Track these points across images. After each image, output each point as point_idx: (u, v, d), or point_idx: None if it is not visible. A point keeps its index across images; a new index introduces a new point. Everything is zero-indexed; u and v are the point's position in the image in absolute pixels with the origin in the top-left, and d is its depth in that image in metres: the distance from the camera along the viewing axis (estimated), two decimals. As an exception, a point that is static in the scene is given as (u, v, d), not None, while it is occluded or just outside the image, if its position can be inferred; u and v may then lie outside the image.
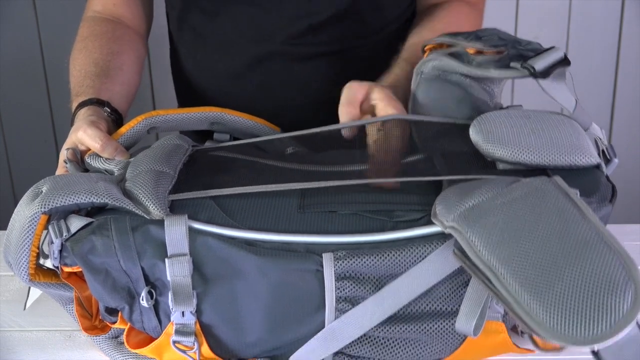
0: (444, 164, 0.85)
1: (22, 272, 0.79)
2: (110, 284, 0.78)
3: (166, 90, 1.92)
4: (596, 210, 0.76)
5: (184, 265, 0.75)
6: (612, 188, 0.79)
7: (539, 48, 0.89)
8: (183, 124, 1.01)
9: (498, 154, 0.80)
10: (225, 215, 0.78)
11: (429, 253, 0.74)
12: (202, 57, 1.20)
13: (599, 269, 0.63)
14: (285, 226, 0.77)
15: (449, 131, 0.91)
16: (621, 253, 0.64)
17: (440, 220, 0.73)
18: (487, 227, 0.69)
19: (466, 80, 0.94)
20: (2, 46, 2.03)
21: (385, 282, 0.75)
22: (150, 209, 0.77)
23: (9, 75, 2.06)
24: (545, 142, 0.80)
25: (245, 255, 0.75)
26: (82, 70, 1.08)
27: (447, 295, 0.76)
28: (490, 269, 0.66)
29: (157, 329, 0.81)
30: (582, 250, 0.65)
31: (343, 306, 0.76)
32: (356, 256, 0.74)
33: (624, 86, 2.12)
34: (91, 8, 1.21)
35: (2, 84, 2.07)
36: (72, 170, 0.90)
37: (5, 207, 2.03)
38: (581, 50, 2.08)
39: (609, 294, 0.61)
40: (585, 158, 0.80)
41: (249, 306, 0.77)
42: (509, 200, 0.71)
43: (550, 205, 0.70)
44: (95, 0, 1.21)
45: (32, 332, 0.93)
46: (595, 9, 2.04)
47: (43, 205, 0.76)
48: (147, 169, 0.83)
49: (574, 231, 0.67)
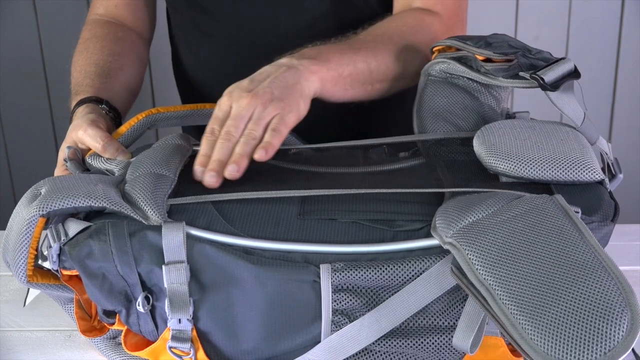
0: (447, 173, 0.84)
1: (20, 274, 0.79)
2: (107, 288, 0.78)
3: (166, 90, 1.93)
4: (597, 229, 0.75)
5: (181, 272, 0.75)
6: (615, 206, 0.78)
7: (550, 58, 0.88)
8: (183, 121, 1.01)
9: (500, 168, 0.80)
10: (224, 221, 0.77)
11: (427, 268, 0.73)
12: (206, 55, 1.20)
13: (596, 294, 0.62)
14: (284, 233, 0.77)
15: (453, 139, 0.90)
16: (619, 278, 0.63)
17: (439, 234, 0.73)
18: (485, 245, 0.68)
19: (474, 84, 0.94)
20: (2, 46, 2.03)
21: (382, 295, 0.75)
22: (149, 214, 0.76)
23: (9, 75, 2.06)
24: (548, 157, 0.79)
25: (242, 264, 0.75)
26: (82, 71, 1.08)
27: (445, 310, 0.75)
28: (487, 289, 0.66)
29: (154, 333, 0.81)
30: (579, 273, 0.64)
31: (339, 319, 0.75)
32: (354, 269, 0.74)
33: (624, 86, 2.12)
34: (94, 11, 1.21)
35: (2, 84, 2.07)
36: (73, 169, 0.90)
37: (5, 207, 2.03)
38: (581, 50, 2.07)
39: (605, 320, 0.61)
40: (589, 174, 0.78)
41: (245, 314, 0.77)
42: (509, 217, 0.71)
43: (550, 225, 0.69)
44: (98, 4, 1.21)
45: (32, 332, 0.93)
46: (595, 9, 2.04)
47: (41, 208, 0.76)
48: (146, 172, 0.82)
49: (572, 253, 0.66)
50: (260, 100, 0.85)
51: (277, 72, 0.88)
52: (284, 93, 0.86)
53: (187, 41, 1.22)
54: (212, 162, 0.83)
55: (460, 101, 0.93)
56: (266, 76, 0.88)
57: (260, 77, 0.88)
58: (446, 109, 0.93)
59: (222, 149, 0.83)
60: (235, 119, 0.84)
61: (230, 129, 0.84)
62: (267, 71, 0.89)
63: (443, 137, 0.91)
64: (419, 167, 0.88)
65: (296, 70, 0.89)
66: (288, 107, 0.85)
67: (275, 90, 0.86)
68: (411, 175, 0.86)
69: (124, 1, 1.19)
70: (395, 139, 0.93)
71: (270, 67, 0.90)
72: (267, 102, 0.85)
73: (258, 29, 1.14)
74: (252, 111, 0.85)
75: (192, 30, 1.19)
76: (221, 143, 0.84)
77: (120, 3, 1.19)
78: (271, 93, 0.85)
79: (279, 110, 0.85)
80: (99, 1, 1.21)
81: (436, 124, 0.93)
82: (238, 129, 0.84)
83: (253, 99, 0.85)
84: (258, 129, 0.84)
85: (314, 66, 0.91)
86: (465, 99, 0.94)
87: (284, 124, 0.85)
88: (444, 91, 0.94)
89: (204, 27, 1.17)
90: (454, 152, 0.88)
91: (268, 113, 0.84)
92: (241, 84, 0.88)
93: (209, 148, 0.84)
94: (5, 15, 2.00)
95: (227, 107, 0.86)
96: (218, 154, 0.83)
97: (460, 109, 0.93)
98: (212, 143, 0.85)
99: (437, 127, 0.92)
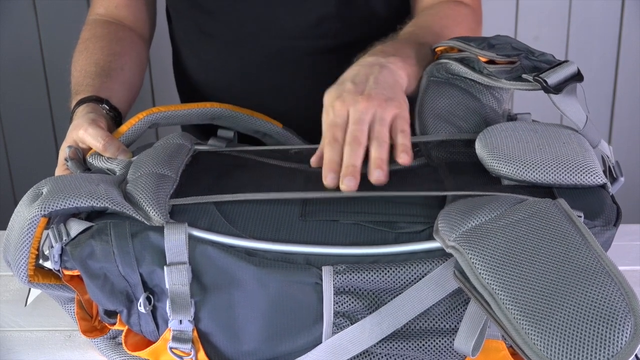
0: (450, 176, 0.84)
1: (21, 273, 0.79)
2: (109, 288, 0.78)
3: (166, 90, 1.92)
4: (600, 233, 0.75)
5: (182, 273, 0.75)
6: (617, 210, 0.78)
7: (553, 60, 0.88)
8: (184, 120, 1.01)
9: (503, 171, 0.80)
10: (226, 222, 0.77)
11: (429, 271, 0.73)
12: (209, 56, 1.19)
13: (599, 299, 0.62)
14: (286, 235, 0.76)
15: (455, 141, 0.90)
16: (622, 283, 0.63)
17: (442, 237, 0.72)
18: (488, 249, 0.68)
19: (475, 85, 0.93)
20: (2, 46, 2.03)
21: (384, 298, 0.75)
22: (151, 215, 0.76)
23: (9, 75, 2.06)
24: (551, 160, 0.79)
25: (244, 266, 0.75)
26: (82, 71, 1.08)
27: (447, 312, 0.75)
28: (489, 293, 0.66)
29: (155, 333, 0.81)
30: (583, 278, 0.64)
31: (341, 321, 0.75)
32: (356, 271, 0.74)
33: (624, 86, 2.12)
34: (94, 11, 1.21)
35: (2, 84, 2.07)
36: (74, 168, 0.90)
37: (6, 207, 2.03)
38: (581, 50, 2.07)
39: (608, 326, 0.61)
40: (592, 178, 0.78)
41: (246, 315, 0.77)
42: (512, 222, 0.71)
43: (553, 229, 0.69)
44: (98, 4, 1.21)
45: (32, 332, 0.93)
46: (595, 9, 2.04)
47: (43, 208, 0.76)
48: (148, 172, 0.82)
49: (575, 258, 0.66)
50: (376, 102, 0.84)
51: (374, 72, 0.88)
52: (392, 92, 0.86)
53: (188, 42, 1.22)
54: (347, 167, 0.81)
55: (462, 102, 0.93)
56: (365, 77, 0.88)
57: (360, 79, 0.87)
58: (448, 110, 0.93)
59: (354, 153, 0.82)
60: (359, 123, 0.83)
61: (356, 134, 0.83)
62: (363, 72, 0.89)
63: (445, 138, 0.90)
64: (420, 168, 0.87)
65: (389, 69, 0.89)
66: (401, 105, 0.86)
67: (384, 90, 0.86)
68: (413, 177, 0.86)
69: (124, 1, 1.19)
70: None
71: (361, 67, 0.90)
72: (383, 102, 0.84)
73: (260, 29, 1.14)
74: (371, 114, 0.84)
75: (194, 31, 1.19)
76: (351, 148, 0.82)
77: (120, 3, 1.19)
78: (383, 94, 0.85)
79: (396, 109, 0.85)
80: (99, 1, 1.21)
81: (438, 125, 0.92)
82: (363, 132, 0.83)
83: (369, 101, 0.84)
84: (385, 130, 0.83)
85: (401, 62, 0.91)
86: (467, 100, 0.93)
87: (406, 123, 0.85)
88: (445, 92, 0.94)
89: (206, 27, 1.17)
90: (455, 154, 0.88)
91: (388, 114, 0.84)
92: (345, 87, 0.87)
93: (336, 154, 0.83)
94: (5, 15, 2.00)
95: (343, 112, 0.85)
96: (351, 159, 0.81)
97: (462, 110, 0.93)
98: (338, 149, 0.83)
99: (438, 128, 0.92)
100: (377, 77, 0.87)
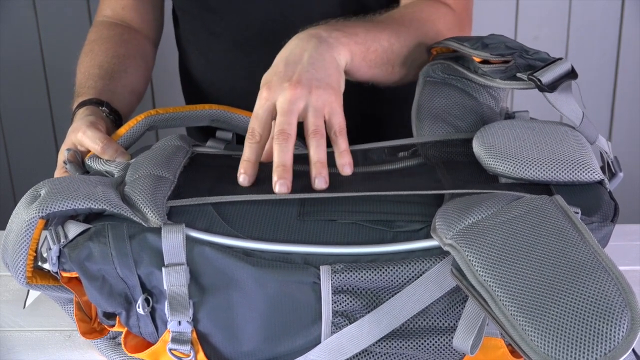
0: (447, 174, 0.84)
1: (19, 275, 0.79)
2: (107, 290, 0.78)
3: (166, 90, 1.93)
4: (597, 229, 0.75)
5: (180, 274, 0.75)
6: (615, 206, 0.78)
7: (547, 58, 0.88)
8: (183, 122, 1.01)
9: (500, 169, 0.80)
10: (224, 223, 0.77)
11: (427, 269, 0.73)
12: (216, 56, 1.19)
13: (596, 295, 0.62)
14: (284, 235, 0.76)
15: (452, 141, 0.90)
16: (619, 279, 0.63)
17: (439, 236, 0.73)
18: (485, 246, 0.68)
19: (472, 84, 0.93)
20: (2, 46, 2.03)
21: (383, 296, 0.75)
22: (148, 216, 0.76)
23: (9, 75, 2.06)
24: (548, 157, 0.79)
25: (242, 266, 0.75)
26: (85, 73, 1.08)
27: (445, 311, 0.75)
28: (487, 290, 0.66)
29: (154, 335, 0.81)
30: (579, 274, 0.64)
31: (339, 320, 0.75)
32: (354, 270, 0.74)
33: (624, 86, 2.12)
34: (101, 13, 1.21)
35: (2, 84, 2.07)
36: (72, 171, 0.90)
37: (5, 207, 2.03)
38: (581, 50, 2.07)
39: (605, 321, 0.61)
40: (589, 174, 0.79)
41: (245, 316, 0.77)
42: (509, 219, 0.71)
43: (549, 226, 0.69)
44: (105, 5, 1.21)
45: (32, 332, 0.93)
46: (595, 9, 2.04)
47: (41, 210, 0.76)
48: (146, 174, 0.82)
49: (572, 254, 0.66)
50: (305, 89, 0.80)
51: (309, 48, 0.85)
52: (326, 73, 0.83)
53: (196, 42, 1.22)
54: (277, 167, 0.78)
55: (459, 102, 0.93)
56: (299, 55, 0.84)
57: (294, 58, 0.84)
58: (444, 110, 0.93)
59: (283, 151, 0.78)
60: (286, 115, 0.79)
61: (284, 127, 0.79)
62: (299, 46, 0.85)
63: (442, 139, 0.91)
64: (418, 167, 0.88)
65: (328, 44, 0.86)
66: (335, 90, 0.82)
67: (316, 72, 0.82)
68: (411, 176, 0.86)
69: (131, 3, 1.19)
70: (393, 142, 0.93)
71: (299, 40, 0.87)
72: (314, 89, 0.80)
73: (267, 29, 1.13)
74: (302, 102, 0.80)
75: (201, 31, 1.19)
76: (280, 145, 0.78)
77: (127, 5, 1.19)
78: (315, 77, 0.81)
79: (328, 96, 0.81)
80: (106, 3, 1.21)
81: (435, 126, 0.92)
82: (291, 125, 0.79)
83: (297, 89, 0.80)
84: (320, 122, 0.79)
85: (344, 38, 0.89)
86: (463, 99, 0.94)
87: (340, 115, 0.82)
88: (442, 92, 0.94)
89: (213, 27, 1.17)
90: (453, 154, 0.88)
91: (320, 102, 0.80)
92: (277, 69, 0.83)
93: (252, 152, 0.80)
94: (5, 15, 2.00)
95: (269, 103, 0.81)
96: (279, 157, 0.78)
97: (459, 110, 0.93)
98: (255, 146, 0.80)
99: (435, 128, 0.92)
100: (311, 55, 0.84)
